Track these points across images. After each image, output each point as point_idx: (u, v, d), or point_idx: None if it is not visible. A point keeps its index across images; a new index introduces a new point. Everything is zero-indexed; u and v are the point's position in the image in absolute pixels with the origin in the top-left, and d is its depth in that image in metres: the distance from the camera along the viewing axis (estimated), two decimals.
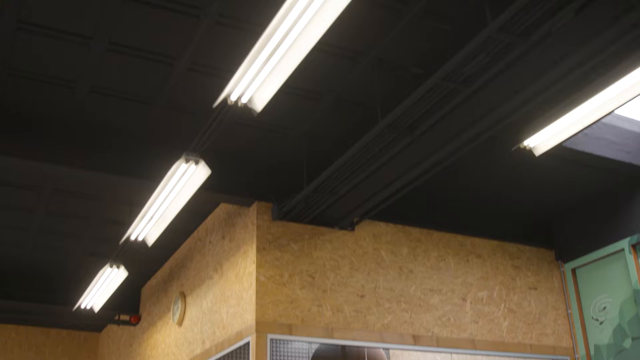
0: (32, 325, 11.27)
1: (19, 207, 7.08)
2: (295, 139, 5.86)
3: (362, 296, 6.25)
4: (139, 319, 9.45)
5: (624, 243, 6.76)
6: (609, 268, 6.98)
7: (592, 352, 7.01)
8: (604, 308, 6.96)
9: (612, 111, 4.88)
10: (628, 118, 6.36)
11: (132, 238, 6.24)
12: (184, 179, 5.15)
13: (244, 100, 4.22)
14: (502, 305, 7.00)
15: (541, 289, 7.35)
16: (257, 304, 5.74)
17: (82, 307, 8.34)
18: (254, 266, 5.90)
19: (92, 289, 7.80)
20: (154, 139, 5.84)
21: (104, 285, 7.60)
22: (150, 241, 6.15)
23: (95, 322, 10.26)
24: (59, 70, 4.94)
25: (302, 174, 5.98)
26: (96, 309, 8.29)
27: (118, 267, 7.10)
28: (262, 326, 5.68)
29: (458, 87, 4.41)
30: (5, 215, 7.27)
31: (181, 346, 7.44)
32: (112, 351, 10.74)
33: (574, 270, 7.40)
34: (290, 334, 5.79)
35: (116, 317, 9.58)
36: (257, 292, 5.78)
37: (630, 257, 6.68)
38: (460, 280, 6.86)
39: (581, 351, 7.09)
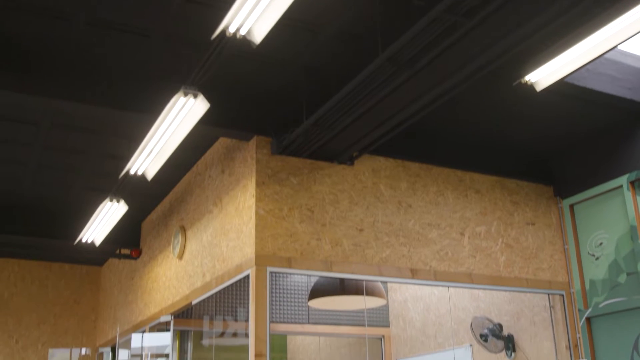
0: (35, 259, 11.39)
1: (17, 141, 7.06)
2: (295, 71, 5.81)
3: (361, 230, 6.29)
4: (139, 253, 9.55)
5: (623, 180, 6.78)
6: (607, 204, 7.01)
7: (587, 287, 7.11)
8: (601, 244, 7.03)
9: (615, 47, 4.83)
10: (631, 54, 6.29)
11: (132, 172, 6.25)
12: (183, 113, 5.13)
13: (242, 31, 4.17)
14: (500, 240, 7.07)
15: (539, 224, 7.40)
16: (256, 237, 5.79)
17: (84, 241, 8.41)
18: (253, 200, 5.92)
19: (92, 223, 7.85)
20: (152, 72, 5.78)
21: (104, 220, 7.66)
22: (150, 175, 6.16)
23: (96, 256, 10.36)
24: (54, 2, 4.85)
25: (302, 108, 5.95)
26: (97, 242, 8.37)
27: (118, 201, 7.14)
28: (261, 259, 5.74)
29: (460, 20, 4.34)
30: (4, 150, 7.26)
31: (182, 279, 7.54)
32: (113, 284, 10.89)
33: (572, 206, 7.44)
34: (290, 267, 5.86)
35: (117, 251, 9.68)
36: (256, 225, 5.82)
37: (628, 194, 6.71)
38: (458, 215, 6.91)
39: (576, 286, 7.18)
